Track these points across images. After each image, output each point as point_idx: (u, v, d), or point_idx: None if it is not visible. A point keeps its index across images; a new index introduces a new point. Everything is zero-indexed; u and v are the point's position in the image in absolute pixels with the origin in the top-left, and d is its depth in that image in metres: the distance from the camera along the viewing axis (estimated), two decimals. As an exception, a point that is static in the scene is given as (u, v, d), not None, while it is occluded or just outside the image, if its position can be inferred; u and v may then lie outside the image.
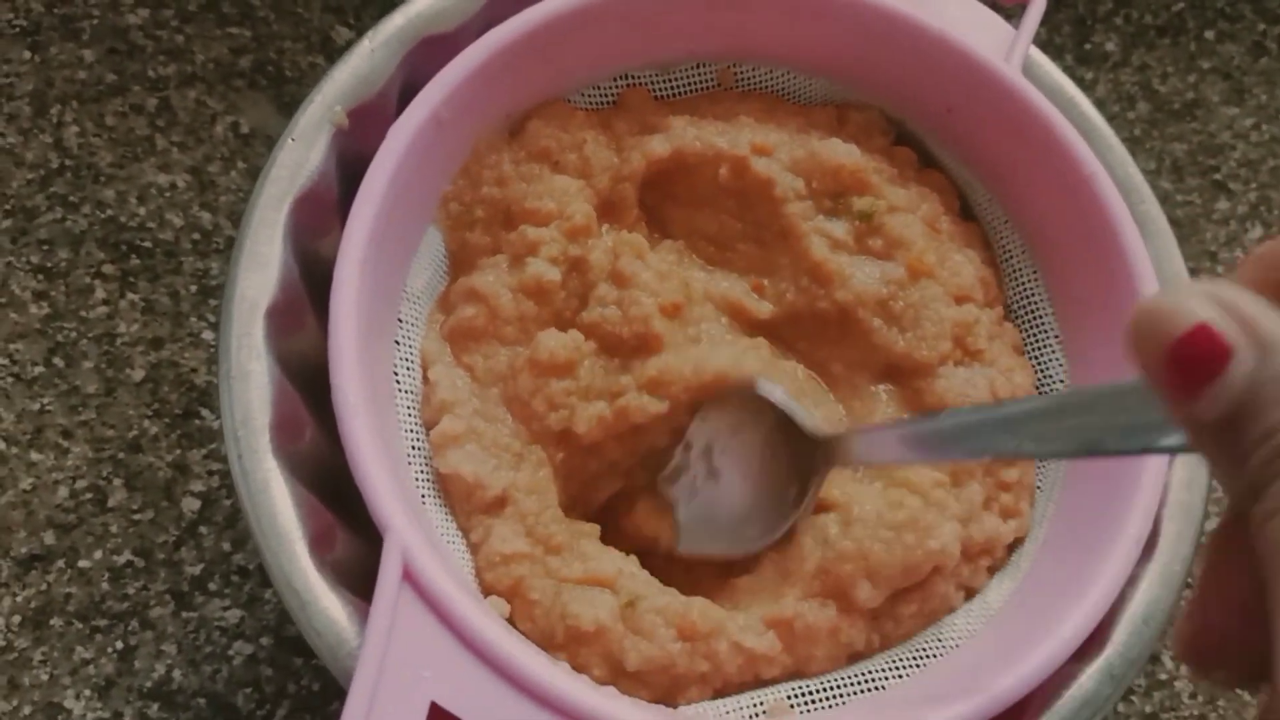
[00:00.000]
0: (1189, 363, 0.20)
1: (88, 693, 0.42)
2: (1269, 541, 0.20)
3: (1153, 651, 0.46)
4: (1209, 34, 0.61)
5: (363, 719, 0.28)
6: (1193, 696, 0.46)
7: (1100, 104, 0.58)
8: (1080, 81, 0.58)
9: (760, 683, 0.34)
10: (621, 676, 0.33)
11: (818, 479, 0.36)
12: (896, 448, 0.32)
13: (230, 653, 0.43)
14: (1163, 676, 0.47)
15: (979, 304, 0.40)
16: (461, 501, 0.35)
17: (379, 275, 0.35)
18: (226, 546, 0.44)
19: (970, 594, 0.37)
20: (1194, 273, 0.55)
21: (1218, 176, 0.57)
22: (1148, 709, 0.46)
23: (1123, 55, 0.60)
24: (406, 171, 0.35)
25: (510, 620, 0.34)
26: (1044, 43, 0.59)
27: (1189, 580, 0.35)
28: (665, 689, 0.33)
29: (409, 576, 0.30)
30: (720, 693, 0.34)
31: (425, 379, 0.36)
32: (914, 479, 0.37)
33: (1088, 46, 0.60)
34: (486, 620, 0.30)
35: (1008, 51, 0.40)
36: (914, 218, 0.40)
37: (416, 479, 0.35)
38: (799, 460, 0.36)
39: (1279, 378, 0.20)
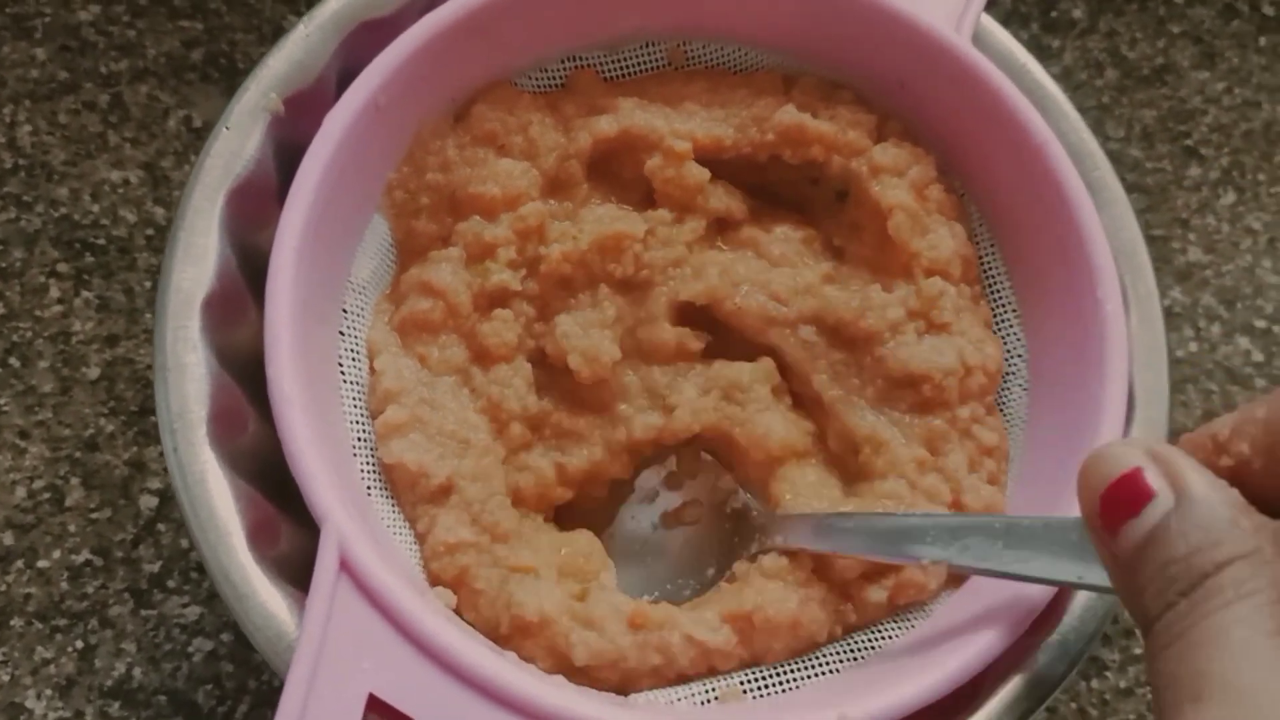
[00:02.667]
0: (1117, 500, 0.24)
1: (49, 692, 0.42)
2: (1160, 674, 0.22)
3: (1126, 627, 0.46)
4: (1178, -2, 0.60)
5: (299, 711, 0.28)
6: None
7: (1068, 72, 0.58)
8: (1047, 49, 0.58)
9: (715, 673, 0.34)
10: (570, 671, 0.32)
11: (744, 553, 0.36)
12: (823, 539, 0.34)
13: (190, 650, 0.43)
14: (1137, 651, 0.46)
15: (953, 280, 0.39)
16: (406, 491, 0.35)
17: (319, 265, 0.35)
18: (185, 544, 0.44)
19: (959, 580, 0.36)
20: (1162, 240, 0.55)
21: (1189, 142, 0.57)
22: (1122, 684, 0.46)
23: (1090, 21, 0.59)
24: (344, 159, 0.35)
25: (458, 611, 0.33)
26: (1009, 11, 0.58)
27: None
28: (615, 684, 0.33)
29: (346, 567, 0.30)
30: (672, 682, 0.34)
31: (371, 368, 0.36)
32: (896, 464, 0.37)
33: (1054, 14, 0.59)
34: (426, 611, 0.30)
35: (958, 21, 0.39)
36: (903, 181, 0.39)
37: (362, 470, 0.35)
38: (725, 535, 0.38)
39: (1186, 521, 0.23)
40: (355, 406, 0.35)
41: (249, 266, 0.36)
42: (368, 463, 0.35)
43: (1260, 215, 0.55)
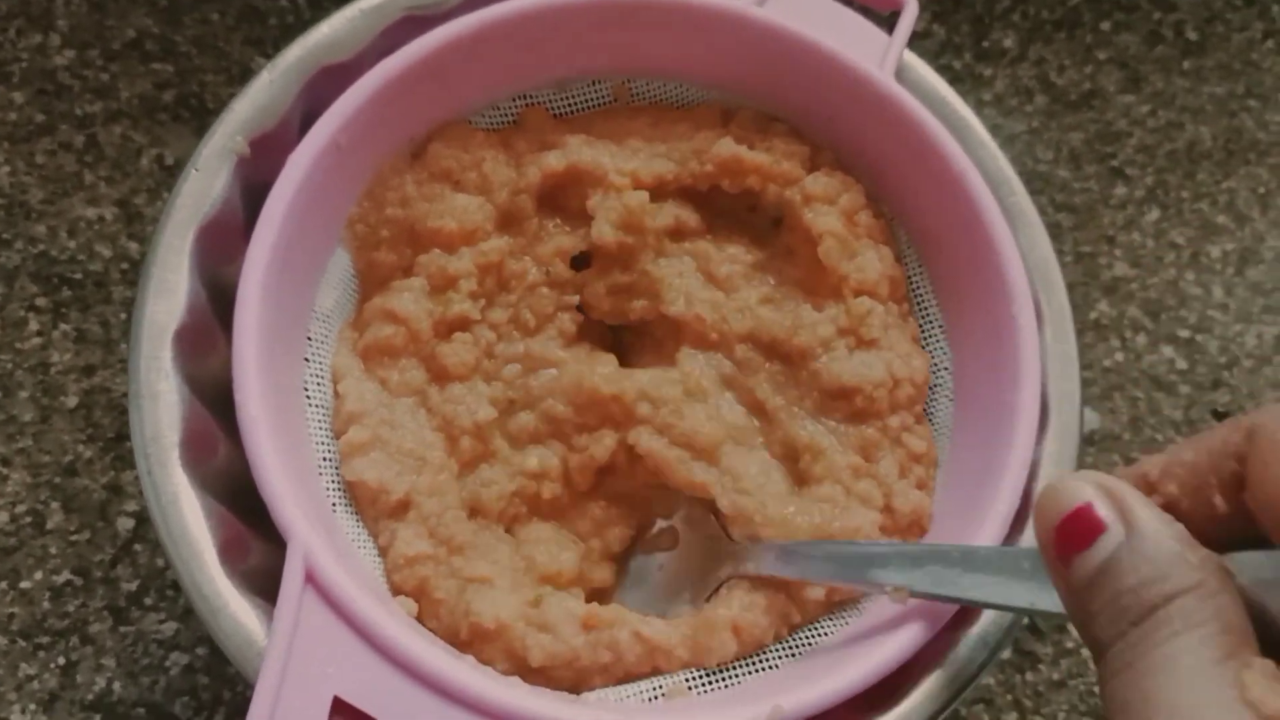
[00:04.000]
0: (1071, 533, 0.25)
1: (33, 707, 0.43)
2: (1112, 699, 0.23)
3: (1058, 622, 0.49)
4: (1105, 25, 0.63)
5: (269, 712, 0.30)
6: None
7: (999, 98, 0.61)
8: (979, 78, 0.61)
9: (660, 672, 0.36)
10: (526, 672, 0.34)
11: (715, 583, 0.38)
12: (791, 565, 0.36)
13: (167, 664, 0.44)
14: (1069, 644, 0.49)
15: (881, 299, 0.41)
16: (368, 507, 0.37)
17: (284, 296, 0.37)
18: (160, 563, 0.46)
19: None
20: (1090, 256, 0.57)
21: (1114, 163, 0.60)
22: (1055, 676, 0.48)
23: (1020, 50, 0.62)
24: (306, 197, 0.37)
25: (419, 619, 0.35)
26: (943, 42, 0.61)
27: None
28: (569, 683, 0.35)
29: (312, 579, 0.31)
30: (622, 680, 0.36)
31: (335, 392, 0.38)
32: (832, 470, 0.39)
33: (986, 44, 0.62)
34: (387, 618, 0.31)
35: (881, 59, 0.42)
36: (834, 209, 0.41)
37: (327, 488, 0.36)
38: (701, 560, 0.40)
39: (1136, 555, 0.24)
40: (320, 428, 0.37)
41: (218, 299, 0.38)
42: (332, 480, 0.37)
43: (1184, 230, 0.58)
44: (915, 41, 0.46)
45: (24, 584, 0.45)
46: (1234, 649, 0.22)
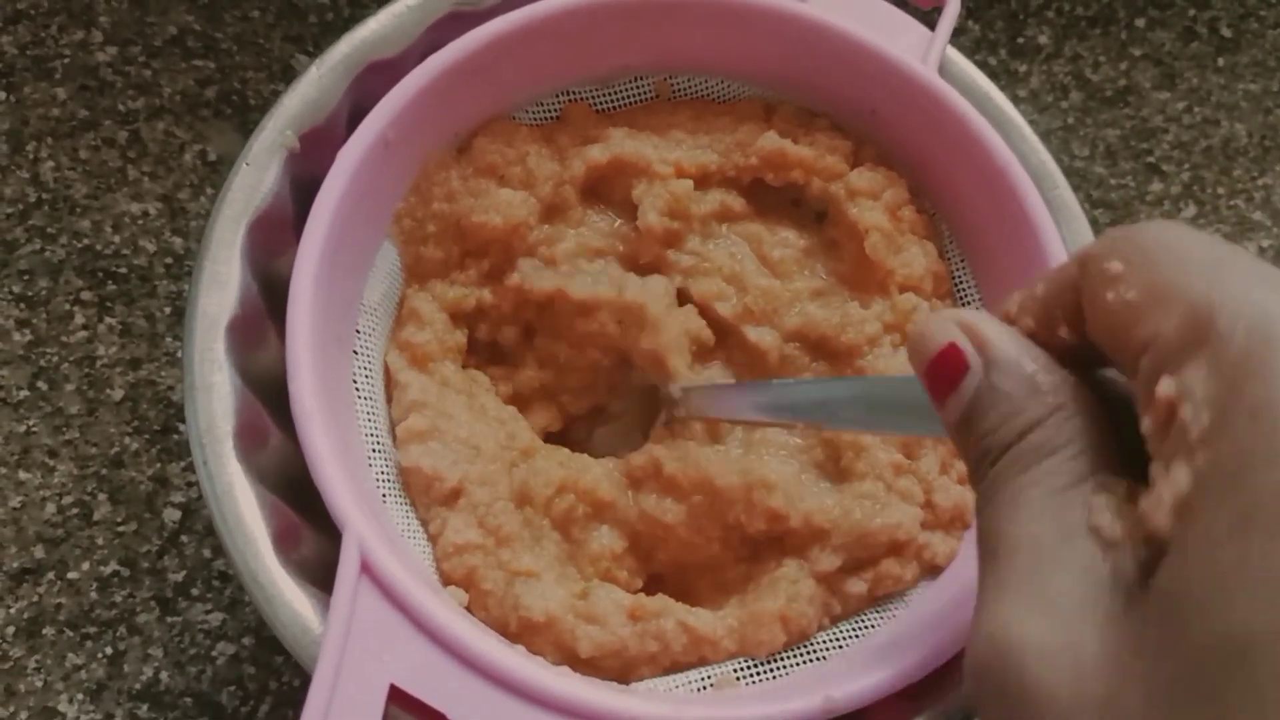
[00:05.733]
0: (939, 375, 0.25)
1: (80, 697, 0.44)
2: (981, 527, 0.23)
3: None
4: (1139, 22, 0.63)
5: (326, 700, 0.30)
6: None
7: (1034, 95, 0.61)
8: (1014, 74, 0.61)
9: (707, 663, 0.36)
10: (576, 663, 0.35)
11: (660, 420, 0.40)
12: (729, 405, 0.37)
13: (214, 654, 0.45)
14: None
15: (925, 295, 0.41)
16: (421, 495, 0.37)
17: (334, 289, 0.37)
18: (207, 554, 0.46)
19: (935, 573, 0.38)
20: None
21: (1151, 159, 0.60)
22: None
23: (1055, 47, 0.62)
24: (356, 191, 0.37)
25: (469, 609, 0.35)
26: (978, 39, 0.61)
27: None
28: (617, 673, 0.35)
29: (366, 568, 0.32)
30: (669, 671, 0.36)
31: (395, 382, 0.39)
32: (875, 467, 0.39)
33: (1020, 40, 0.62)
34: (440, 606, 0.31)
35: (924, 53, 0.42)
36: (878, 204, 0.42)
37: (378, 479, 0.37)
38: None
39: (994, 391, 0.24)
40: (369, 420, 0.38)
41: (268, 292, 0.38)
42: (383, 471, 0.37)
43: (1220, 227, 0.58)
44: (950, 38, 0.46)
45: (71, 575, 0.46)
46: (1089, 471, 0.22)
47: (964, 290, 0.43)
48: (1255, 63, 0.63)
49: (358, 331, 0.39)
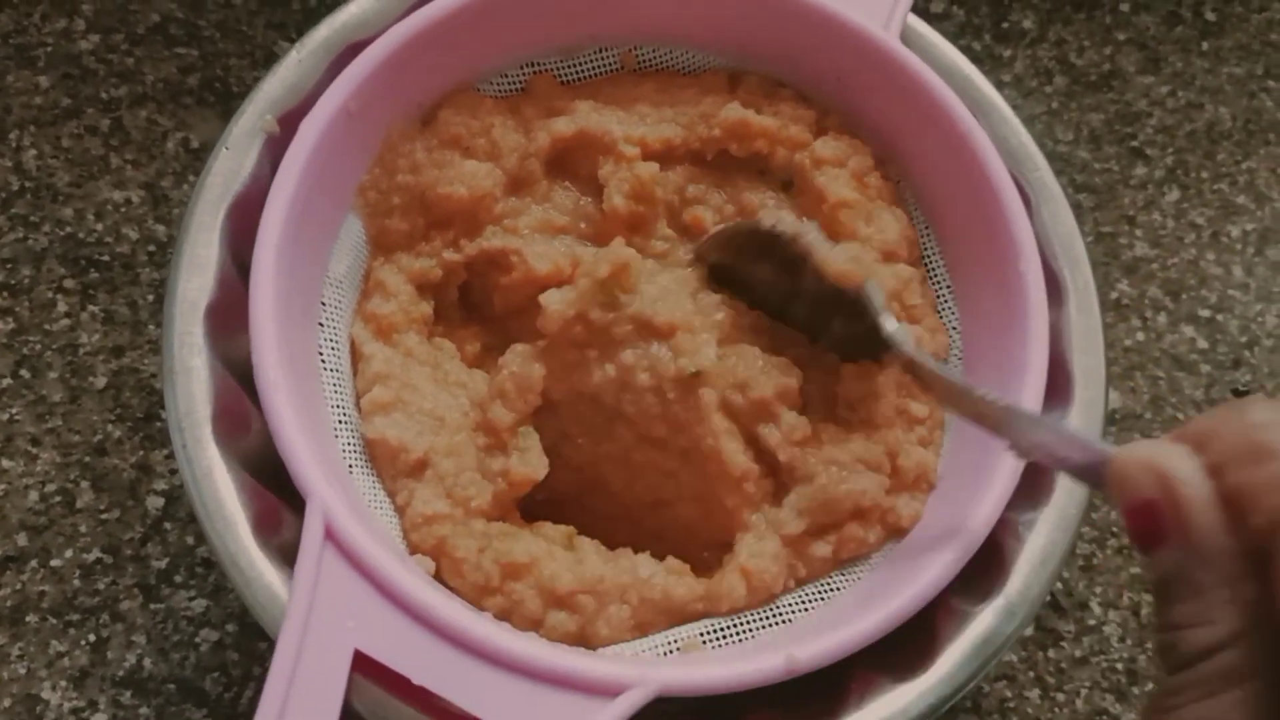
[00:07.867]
0: (1138, 530, 0.25)
1: (64, 684, 0.44)
2: None
3: (1080, 600, 0.49)
4: (1124, 6, 0.63)
5: (291, 666, 0.30)
6: (1121, 640, 0.48)
7: (1019, 79, 0.61)
8: (999, 59, 0.61)
9: (674, 621, 0.36)
10: (552, 603, 0.35)
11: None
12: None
13: (197, 640, 0.45)
14: (1091, 622, 0.49)
15: (907, 262, 0.41)
16: (387, 466, 0.37)
17: (298, 261, 0.37)
18: (190, 540, 0.46)
19: (900, 535, 0.38)
20: (1110, 236, 0.57)
21: (1134, 143, 0.60)
22: (1078, 653, 0.48)
23: (1040, 31, 0.62)
24: (319, 163, 0.37)
25: (439, 577, 0.35)
26: (963, 23, 0.61)
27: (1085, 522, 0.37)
28: (581, 638, 0.35)
29: (331, 535, 0.32)
30: (636, 634, 0.36)
31: (360, 354, 0.39)
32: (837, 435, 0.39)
33: (1005, 25, 0.62)
34: (405, 573, 0.32)
35: (886, 20, 0.42)
36: (844, 172, 0.42)
37: (344, 449, 0.37)
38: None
39: (1187, 588, 0.23)
40: (336, 391, 0.38)
41: (248, 276, 0.38)
42: (350, 442, 0.37)
43: (1203, 211, 0.58)
44: (935, 23, 0.46)
45: (54, 562, 0.46)
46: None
47: (930, 257, 0.43)
48: (1239, 46, 0.63)
49: (323, 304, 0.39)
